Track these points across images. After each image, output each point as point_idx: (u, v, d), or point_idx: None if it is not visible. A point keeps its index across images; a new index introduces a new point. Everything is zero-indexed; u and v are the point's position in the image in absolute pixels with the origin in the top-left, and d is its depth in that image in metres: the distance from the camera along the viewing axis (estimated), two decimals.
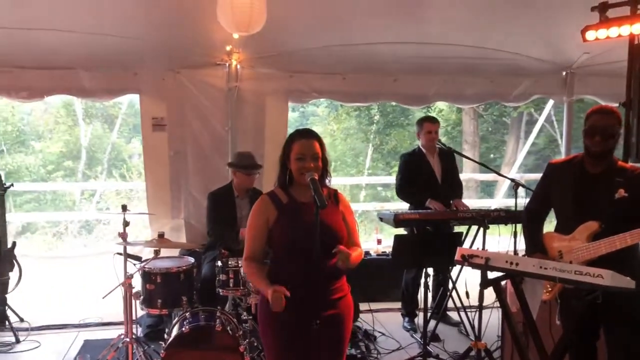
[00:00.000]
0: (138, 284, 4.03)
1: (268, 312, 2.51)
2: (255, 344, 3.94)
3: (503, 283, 2.96)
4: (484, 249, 4.10)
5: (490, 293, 2.92)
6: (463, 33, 5.22)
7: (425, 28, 5.08)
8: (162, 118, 5.42)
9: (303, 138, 2.62)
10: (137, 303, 3.99)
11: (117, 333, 4.17)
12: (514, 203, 4.53)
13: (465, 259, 2.81)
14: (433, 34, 5.18)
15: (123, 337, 3.98)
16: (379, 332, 5.00)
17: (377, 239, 6.41)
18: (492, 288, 2.88)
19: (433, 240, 4.41)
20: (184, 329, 3.57)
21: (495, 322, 4.14)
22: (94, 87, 5.26)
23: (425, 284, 4.33)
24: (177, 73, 5.33)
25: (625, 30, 4.04)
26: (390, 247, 4.29)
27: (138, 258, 4.15)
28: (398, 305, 5.40)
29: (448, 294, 4.87)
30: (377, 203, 11.39)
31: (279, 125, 5.59)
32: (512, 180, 4.67)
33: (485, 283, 2.87)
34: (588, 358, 3.13)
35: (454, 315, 5.13)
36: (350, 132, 16.29)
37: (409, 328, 5.15)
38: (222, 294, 4.07)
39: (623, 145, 4.18)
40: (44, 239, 11.55)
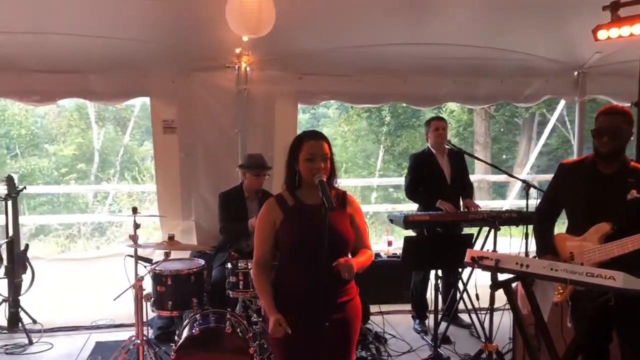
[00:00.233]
0: (149, 286, 4.05)
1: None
2: (266, 346, 3.94)
3: (514, 285, 2.93)
4: (495, 251, 4.06)
5: (502, 295, 2.89)
6: (473, 33, 5.19)
7: (435, 29, 5.06)
8: (172, 120, 5.44)
9: (312, 139, 2.60)
10: (147, 305, 4.00)
11: (128, 335, 4.18)
12: (525, 204, 4.49)
13: (475, 261, 2.79)
14: (442, 35, 5.16)
15: (134, 339, 3.99)
16: (390, 334, 4.98)
17: (387, 241, 6.38)
18: (502, 290, 2.86)
19: (443, 242, 4.39)
20: (194, 331, 3.58)
21: (507, 324, 4.11)
22: (105, 90, 5.30)
23: (436, 286, 4.30)
24: (187, 76, 5.35)
25: (638, 29, 4.01)
26: (401, 248, 4.28)
27: (149, 260, 4.17)
28: (409, 307, 5.38)
29: (459, 296, 4.84)
30: (388, 204, 11.37)
31: (289, 127, 5.58)
32: (523, 181, 4.62)
33: (496, 285, 2.84)
34: None
35: (465, 317, 5.10)
36: (361, 133, 16.27)
37: (420, 330, 5.12)
38: (232, 296, 4.09)
39: (635, 146, 4.13)
40: (57, 241, 11.65)
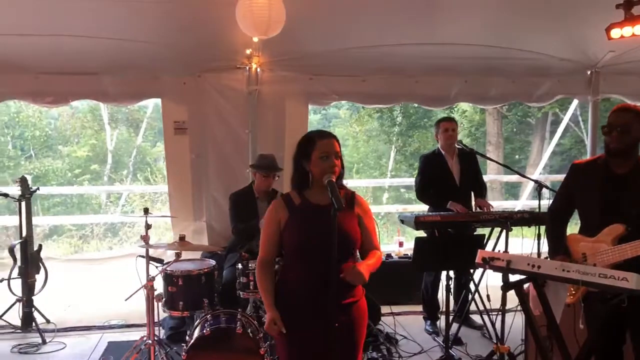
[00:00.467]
0: (160, 287, 4.06)
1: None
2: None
3: (525, 286, 2.91)
4: (506, 251, 4.03)
5: (514, 296, 2.86)
6: (484, 33, 5.16)
7: (446, 28, 5.04)
8: (183, 122, 5.47)
9: (325, 138, 2.60)
10: (159, 305, 4.02)
11: (140, 335, 4.19)
12: (538, 204, 4.45)
13: (486, 262, 2.77)
14: (454, 35, 5.13)
15: (145, 339, 4.00)
16: (401, 335, 4.96)
17: (398, 242, 6.36)
18: (514, 291, 2.83)
19: (454, 243, 4.36)
20: (205, 331, 3.58)
21: (519, 325, 4.07)
22: (117, 91, 5.34)
23: (447, 287, 4.28)
24: (197, 77, 5.38)
25: None
26: (412, 249, 4.26)
27: (160, 260, 4.18)
28: (420, 308, 5.35)
29: (470, 297, 4.81)
30: (399, 205, 11.34)
31: (300, 128, 5.55)
32: (535, 182, 4.58)
33: (507, 286, 2.83)
34: None
35: (477, 319, 5.07)
36: (373, 134, 16.26)
37: (431, 331, 5.10)
38: (242, 297, 4.10)
39: None
40: (70, 242, 11.76)
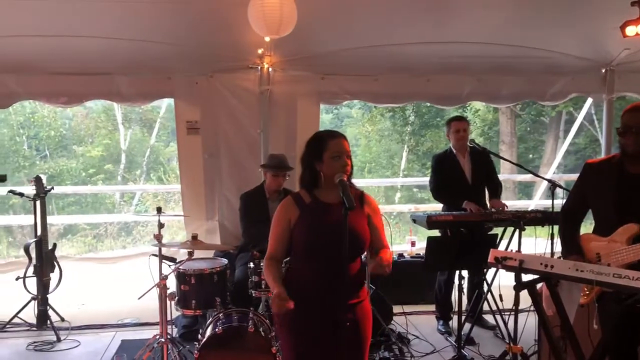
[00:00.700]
0: (173, 285, 4.09)
1: (282, 313, 2.46)
2: None
3: (539, 286, 2.89)
4: (519, 251, 4.00)
5: (526, 296, 2.85)
6: (496, 31, 5.13)
7: (458, 27, 5.02)
8: (195, 121, 5.50)
9: (336, 137, 2.62)
10: (172, 304, 4.05)
11: (153, 333, 4.22)
12: (551, 204, 4.41)
13: (499, 261, 2.75)
14: (466, 33, 5.11)
15: (158, 337, 4.03)
16: (413, 335, 4.94)
17: (410, 241, 6.34)
18: (527, 291, 2.82)
19: (467, 243, 4.34)
20: (217, 330, 3.60)
21: (532, 325, 4.04)
22: (130, 91, 5.38)
23: (460, 287, 4.26)
24: (210, 77, 5.41)
25: None
26: (424, 249, 4.25)
27: (173, 259, 4.21)
28: (432, 308, 5.33)
29: (483, 297, 4.78)
30: (412, 205, 11.30)
31: (311, 128, 5.56)
32: (548, 181, 4.54)
33: (520, 286, 2.81)
34: None
35: (490, 319, 5.04)
36: (385, 133, 16.22)
37: (444, 331, 5.07)
38: (254, 296, 4.11)
39: None
40: (85, 241, 11.87)
